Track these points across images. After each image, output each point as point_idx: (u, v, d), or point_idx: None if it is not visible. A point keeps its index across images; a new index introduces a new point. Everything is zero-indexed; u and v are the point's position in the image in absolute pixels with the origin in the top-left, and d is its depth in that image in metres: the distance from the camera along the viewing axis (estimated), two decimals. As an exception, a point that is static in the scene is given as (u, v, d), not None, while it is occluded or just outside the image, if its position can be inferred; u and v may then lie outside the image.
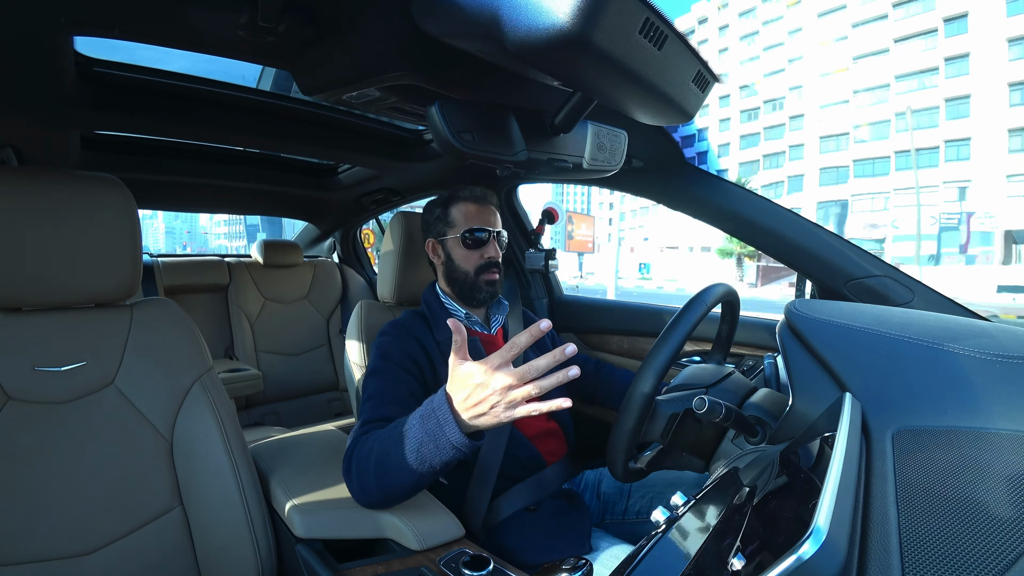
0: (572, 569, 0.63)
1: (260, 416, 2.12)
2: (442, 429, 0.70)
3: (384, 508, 0.83)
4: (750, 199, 1.11)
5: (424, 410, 0.74)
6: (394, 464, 0.75)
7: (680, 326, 0.73)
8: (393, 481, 0.77)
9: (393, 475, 0.76)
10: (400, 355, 0.98)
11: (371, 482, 0.79)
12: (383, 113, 0.97)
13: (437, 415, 0.71)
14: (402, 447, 0.74)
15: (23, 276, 0.78)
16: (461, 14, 0.57)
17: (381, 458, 0.77)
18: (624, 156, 0.95)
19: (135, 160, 1.53)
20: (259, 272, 2.25)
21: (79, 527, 0.78)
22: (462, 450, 0.70)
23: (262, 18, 0.69)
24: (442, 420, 0.70)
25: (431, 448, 0.71)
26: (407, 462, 0.73)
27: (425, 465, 0.73)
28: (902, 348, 0.55)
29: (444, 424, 0.70)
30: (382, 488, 0.78)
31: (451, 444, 0.70)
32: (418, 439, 0.72)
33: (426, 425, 0.72)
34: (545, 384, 0.64)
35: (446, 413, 0.70)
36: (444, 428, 0.70)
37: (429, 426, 0.71)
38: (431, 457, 0.72)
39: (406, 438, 0.74)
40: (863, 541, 0.37)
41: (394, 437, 0.76)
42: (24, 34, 0.74)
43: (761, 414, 0.75)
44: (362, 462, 0.79)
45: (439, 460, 0.72)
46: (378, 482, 0.78)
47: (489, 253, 1.09)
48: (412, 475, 0.74)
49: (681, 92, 0.67)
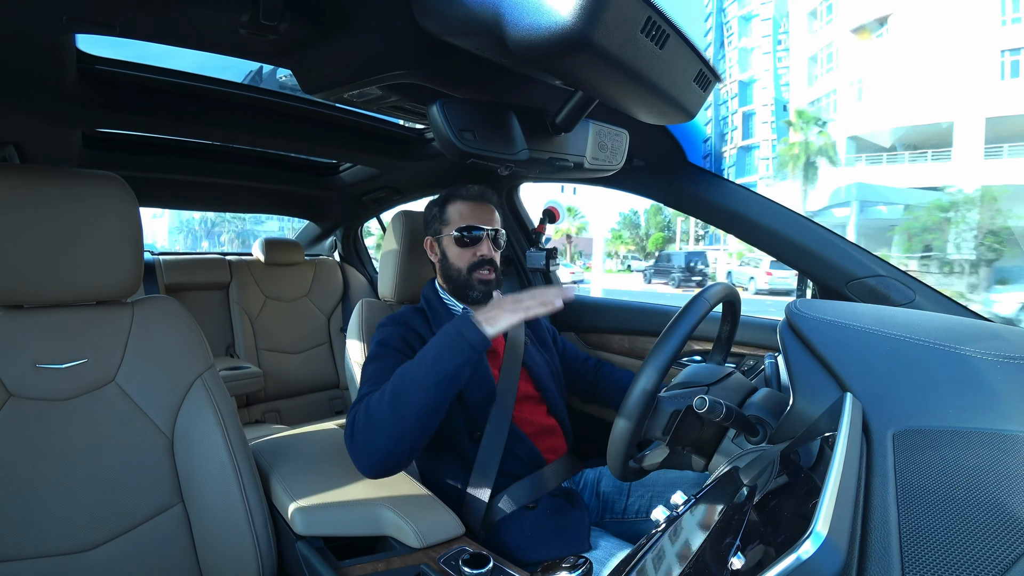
0: (572, 567, 0.63)
1: (261, 414, 2.12)
2: (462, 332, 0.83)
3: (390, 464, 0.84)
4: (751, 199, 1.11)
5: (445, 327, 0.87)
6: (411, 384, 0.82)
7: (681, 325, 0.73)
8: (407, 406, 0.82)
9: (408, 397, 0.82)
10: (399, 341, 1.00)
11: (384, 422, 0.82)
12: (384, 112, 0.97)
13: (458, 323, 0.85)
14: (419, 365, 0.84)
15: (25, 274, 0.79)
16: (462, 13, 0.57)
17: (396, 386, 0.84)
18: (625, 155, 0.95)
19: (137, 158, 1.53)
20: (260, 270, 2.26)
21: (80, 523, 0.79)
22: (477, 349, 0.82)
23: (263, 16, 0.69)
24: (462, 325, 0.84)
25: (450, 351, 0.82)
26: (424, 377, 0.82)
27: (441, 372, 0.82)
28: (903, 348, 0.55)
29: (465, 327, 0.83)
30: (395, 421, 0.82)
31: (468, 344, 0.82)
32: (438, 348, 0.84)
33: (446, 334, 0.85)
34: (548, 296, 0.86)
35: (466, 319, 0.85)
36: (464, 331, 0.83)
37: (449, 333, 0.84)
38: (448, 361, 0.82)
39: (424, 355, 0.85)
40: (863, 541, 0.37)
41: (408, 365, 0.86)
42: (26, 32, 0.74)
43: (762, 414, 0.74)
44: (370, 411, 0.84)
45: (455, 362, 0.82)
46: (392, 415, 0.82)
47: (482, 251, 1.09)
48: (427, 391, 0.81)
49: (683, 91, 0.67)
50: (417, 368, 0.83)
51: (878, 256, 1.03)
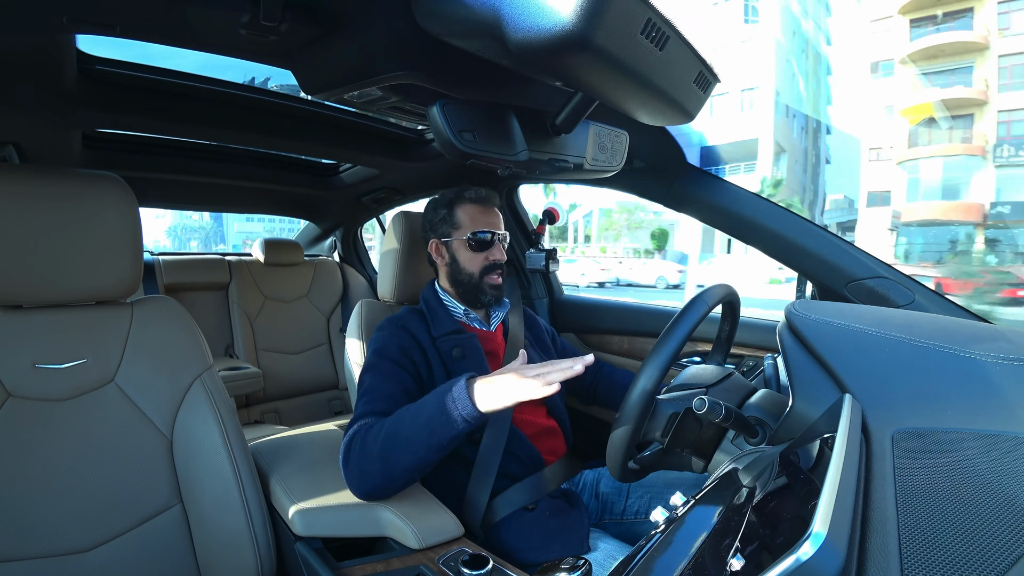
0: (571, 569, 0.63)
1: (260, 414, 2.12)
2: (455, 403, 0.78)
3: (381, 496, 0.85)
4: (751, 200, 1.11)
5: (441, 389, 0.82)
6: (401, 441, 0.81)
7: (681, 325, 0.73)
8: (398, 460, 0.81)
9: (399, 452, 0.81)
10: (395, 351, 0.99)
11: (374, 464, 0.82)
12: (384, 112, 0.97)
13: (453, 391, 0.80)
14: (412, 423, 0.81)
15: (24, 274, 0.79)
16: (463, 14, 0.57)
17: (389, 437, 0.82)
18: (625, 156, 0.95)
19: (137, 158, 1.53)
20: (260, 271, 2.25)
21: (79, 524, 0.78)
22: (470, 423, 0.78)
23: (264, 17, 0.69)
24: (457, 395, 0.79)
25: (441, 421, 0.79)
26: (415, 437, 0.80)
27: (433, 438, 0.79)
28: (902, 350, 0.55)
29: (459, 398, 0.78)
30: (385, 469, 0.82)
31: (461, 416, 0.78)
32: (429, 414, 0.80)
33: (440, 400, 0.80)
34: (552, 377, 0.75)
35: (462, 389, 0.79)
36: (458, 402, 0.78)
37: (443, 400, 0.80)
38: (440, 431, 0.79)
39: (418, 415, 0.82)
40: (862, 542, 0.37)
41: (404, 417, 0.83)
42: (26, 32, 0.74)
43: (761, 415, 0.74)
44: (365, 446, 0.83)
45: (447, 434, 0.79)
46: (383, 462, 0.81)
47: (495, 255, 1.09)
48: (417, 451, 0.80)
49: (683, 92, 0.67)
50: (411, 427, 0.81)
51: (878, 258, 1.03)
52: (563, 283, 1.81)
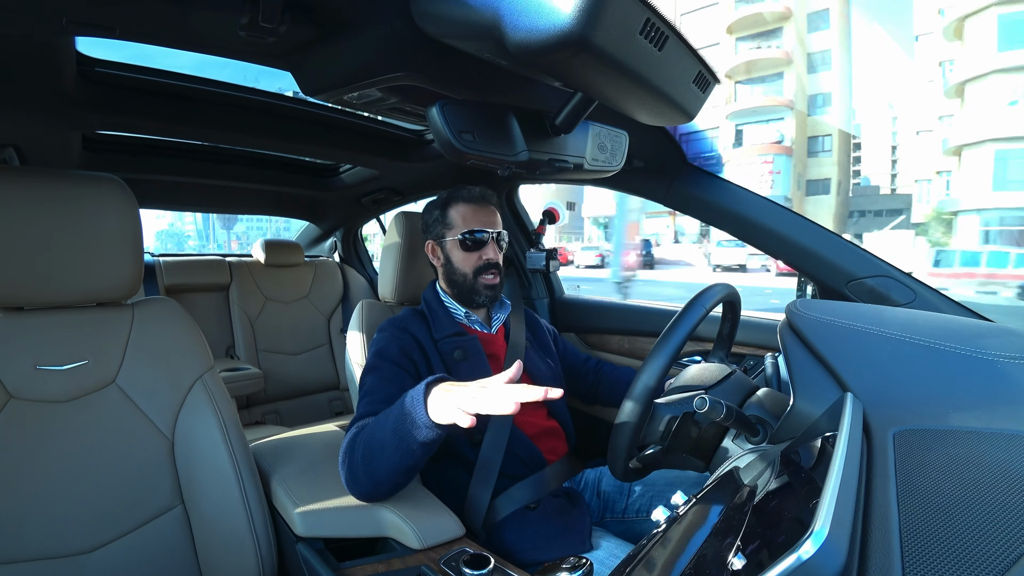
0: (572, 568, 0.63)
1: (261, 415, 2.12)
2: (415, 408, 0.77)
3: (374, 497, 0.85)
4: (751, 199, 1.11)
5: (407, 393, 0.81)
6: (377, 445, 0.81)
7: (682, 324, 0.73)
8: (378, 464, 0.81)
9: (377, 456, 0.81)
10: (396, 352, 0.99)
11: (359, 468, 0.82)
12: (384, 113, 0.97)
13: (413, 395, 0.78)
14: (384, 428, 0.81)
15: (25, 275, 0.79)
16: (462, 15, 0.57)
17: (368, 441, 0.82)
18: (625, 156, 0.95)
19: (136, 160, 1.53)
20: (260, 272, 2.26)
21: (80, 525, 0.78)
22: (433, 429, 0.75)
23: (263, 18, 0.69)
24: (416, 399, 0.77)
25: (407, 427, 0.77)
26: (389, 442, 0.79)
27: (404, 444, 0.78)
28: (904, 348, 0.55)
29: (417, 404, 0.76)
30: (369, 472, 0.82)
31: (423, 423, 0.75)
32: (396, 419, 0.79)
33: (403, 406, 0.79)
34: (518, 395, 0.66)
35: (420, 394, 0.77)
36: (416, 407, 0.76)
37: (405, 406, 0.78)
38: (408, 436, 0.77)
39: (388, 419, 0.81)
40: (864, 541, 0.37)
41: (380, 422, 0.83)
42: (26, 34, 0.74)
43: (762, 414, 0.75)
44: (352, 450, 0.84)
45: (416, 440, 0.77)
46: (365, 466, 0.82)
47: (488, 255, 1.08)
48: (393, 455, 0.79)
49: (682, 93, 0.67)
50: (383, 432, 0.80)
51: (878, 256, 1.03)
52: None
